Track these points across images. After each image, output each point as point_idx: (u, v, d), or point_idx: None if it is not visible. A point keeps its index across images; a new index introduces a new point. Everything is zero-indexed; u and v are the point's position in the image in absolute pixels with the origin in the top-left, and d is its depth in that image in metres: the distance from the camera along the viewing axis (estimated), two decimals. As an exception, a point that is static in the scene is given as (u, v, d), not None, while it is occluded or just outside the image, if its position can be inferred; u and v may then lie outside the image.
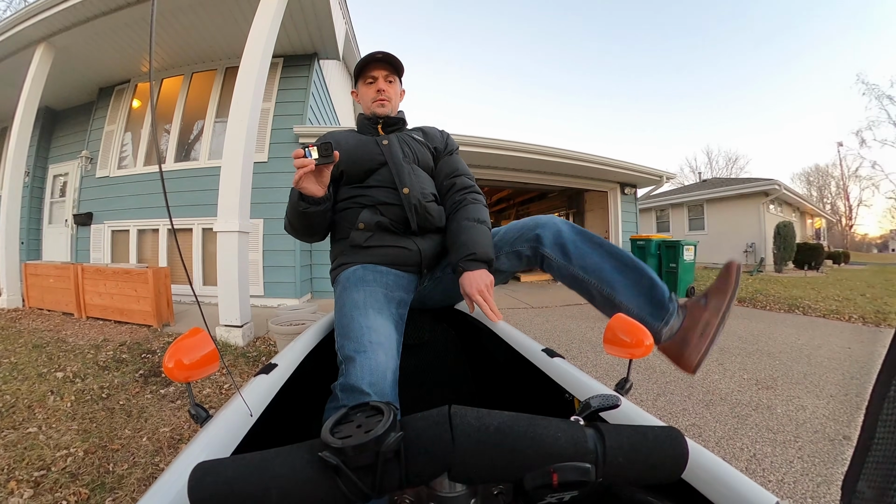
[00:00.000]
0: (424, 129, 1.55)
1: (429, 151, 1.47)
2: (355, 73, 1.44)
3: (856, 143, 44.24)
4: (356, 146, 1.36)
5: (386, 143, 1.36)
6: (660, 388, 2.93)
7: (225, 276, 3.84)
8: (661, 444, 0.42)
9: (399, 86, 1.48)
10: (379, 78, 1.40)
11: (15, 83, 5.80)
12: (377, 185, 1.31)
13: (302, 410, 0.95)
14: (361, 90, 1.44)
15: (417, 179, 1.34)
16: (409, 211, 1.26)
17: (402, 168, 1.32)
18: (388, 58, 1.39)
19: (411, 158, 1.38)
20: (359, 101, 1.47)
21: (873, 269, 17.49)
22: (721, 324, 1.03)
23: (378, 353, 0.91)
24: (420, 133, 1.51)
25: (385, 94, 1.40)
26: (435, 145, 1.49)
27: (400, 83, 1.49)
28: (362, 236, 1.26)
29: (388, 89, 1.41)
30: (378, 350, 0.92)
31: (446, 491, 0.44)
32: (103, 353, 3.46)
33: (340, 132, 1.44)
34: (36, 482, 1.71)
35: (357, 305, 1.06)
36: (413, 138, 1.44)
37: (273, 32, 4.10)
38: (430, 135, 1.52)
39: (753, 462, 1.97)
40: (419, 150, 1.42)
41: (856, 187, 42.66)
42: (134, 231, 6.45)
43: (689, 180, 39.83)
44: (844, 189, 43.93)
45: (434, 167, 1.48)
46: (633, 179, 8.75)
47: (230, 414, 0.66)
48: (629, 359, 0.89)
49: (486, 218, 1.32)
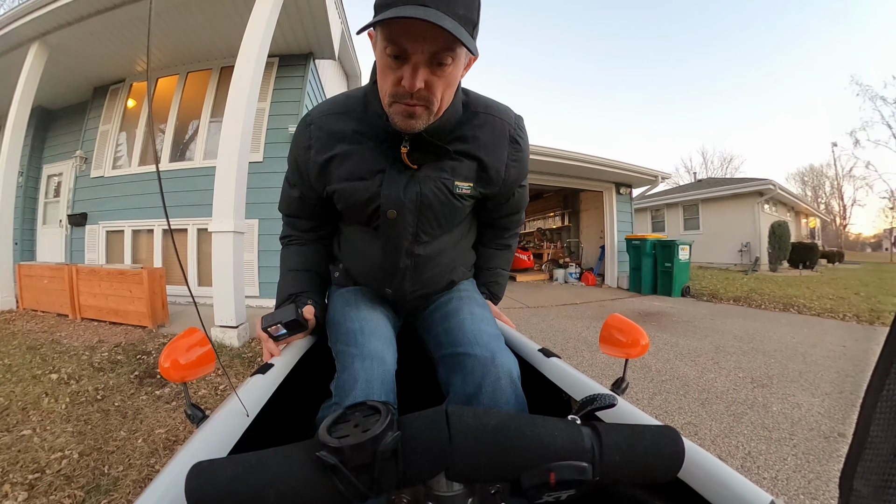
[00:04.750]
0: (489, 137, 0.91)
1: (475, 196, 0.97)
2: (375, 6, 0.70)
3: (850, 144, 44.57)
4: (351, 182, 0.91)
5: (392, 215, 0.90)
6: (656, 387, 2.94)
7: (220, 277, 3.82)
8: (658, 443, 0.42)
9: (463, 59, 0.76)
10: (414, 57, 0.70)
11: (8, 82, 5.75)
12: (362, 245, 1.02)
13: (299, 410, 0.94)
14: (380, 56, 0.74)
15: (413, 275, 1.00)
16: (399, 301, 1.04)
17: (396, 266, 0.97)
18: (444, 10, 0.65)
19: (425, 235, 0.95)
20: (375, 57, 0.79)
21: (867, 268, 17.62)
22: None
23: (374, 348, 0.85)
24: (475, 147, 0.90)
25: (421, 96, 0.74)
26: (491, 184, 0.96)
27: (467, 52, 0.74)
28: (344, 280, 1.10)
29: (434, 83, 0.74)
30: (374, 345, 0.86)
31: (444, 490, 0.44)
32: (98, 355, 3.44)
33: (333, 123, 0.92)
34: (30, 485, 1.70)
35: (348, 302, 1.01)
36: (455, 182, 0.91)
37: (269, 32, 4.08)
38: (492, 159, 0.92)
39: (749, 459, 1.98)
40: (452, 208, 0.94)
41: (850, 187, 42.94)
42: (129, 231, 6.41)
43: (685, 180, 39.98)
44: (839, 189, 44.23)
45: (484, 209, 1.09)
46: (629, 179, 8.77)
47: (226, 414, 0.66)
48: (625, 358, 0.89)
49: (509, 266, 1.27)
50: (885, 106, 30.13)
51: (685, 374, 3.22)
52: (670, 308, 6.35)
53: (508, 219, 1.14)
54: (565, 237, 12.05)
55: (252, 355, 3.52)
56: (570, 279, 9.85)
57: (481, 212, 1.10)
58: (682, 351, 3.88)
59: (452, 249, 1.04)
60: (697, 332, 4.70)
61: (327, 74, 7.90)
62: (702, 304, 6.81)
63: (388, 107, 0.79)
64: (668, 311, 6.12)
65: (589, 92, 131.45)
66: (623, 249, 8.66)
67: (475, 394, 0.77)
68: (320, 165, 0.93)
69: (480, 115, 0.91)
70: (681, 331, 4.74)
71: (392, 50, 0.70)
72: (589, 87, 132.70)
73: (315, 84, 6.60)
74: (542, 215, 13.78)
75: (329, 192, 0.96)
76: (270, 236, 5.69)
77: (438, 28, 0.64)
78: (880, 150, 55.14)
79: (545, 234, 13.05)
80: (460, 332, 0.90)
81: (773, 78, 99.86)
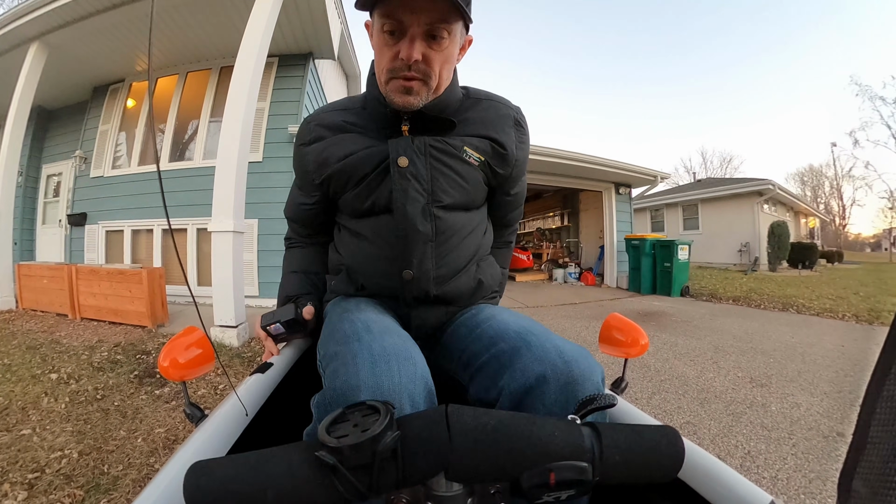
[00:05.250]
0: (494, 118, 0.90)
1: (487, 173, 0.91)
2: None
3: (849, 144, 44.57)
4: (350, 158, 0.88)
5: (404, 162, 0.82)
6: (655, 387, 2.94)
7: (220, 277, 3.82)
8: (658, 442, 0.42)
9: (459, 37, 0.79)
10: (411, 29, 0.72)
11: (8, 82, 5.74)
12: (372, 236, 0.90)
13: (298, 409, 0.94)
14: (377, 36, 0.77)
15: (437, 249, 0.87)
16: (407, 303, 0.88)
17: (416, 230, 0.84)
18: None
19: (443, 196, 0.86)
20: (372, 46, 0.81)
21: (866, 268, 17.63)
22: None
23: (391, 343, 0.65)
24: (484, 128, 0.89)
25: (419, 69, 0.75)
26: (506, 163, 0.92)
27: (462, 30, 0.79)
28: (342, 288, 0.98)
29: (431, 57, 0.75)
30: (390, 341, 0.65)
31: (443, 490, 0.44)
32: (98, 354, 3.44)
33: (330, 118, 0.93)
34: (30, 484, 1.69)
35: (348, 308, 0.83)
36: (464, 148, 0.86)
37: (268, 32, 4.09)
38: (504, 137, 0.90)
39: (748, 459, 1.98)
40: (465, 175, 0.87)
41: (849, 187, 42.95)
42: (128, 231, 6.41)
43: (684, 180, 40.03)
44: (838, 189, 44.26)
45: (490, 197, 1.00)
46: (628, 179, 8.77)
47: (225, 413, 0.66)
48: (625, 358, 0.89)
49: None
50: (885, 106, 30.15)
51: (684, 373, 3.23)
52: (669, 308, 6.36)
53: (510, 215, 1.12)
54: (564, 237, 12.05)
55: (251, 355, 3.52)
56: (569, 279, 9.85)
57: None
58: (682, 350, 3.88)
59: (473, 233, 0.93)
60: (697, 331, 4.71)
61: (327, 74, 7.91)
62: (701, 304, 6.81)
63: (386, 84, 0.79)
64: (667, 310, 6.12)
65: (589, 91, 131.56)
66: (622, 249, 8.67)
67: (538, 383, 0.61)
68: (318, 152, 0.92)
69: (483, 101, 0.92)
70: (680, 330, 4.74)
71: (389, 25, 0.72)
72: (589, 88, 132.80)
73: (315, 84, 6.60)
74: (541, 215, 13.77)
75: (327, 179, 0.92)
76: (270, 236, 5.69)
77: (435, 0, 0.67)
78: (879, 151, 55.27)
79: (544, 234, 13.06)
80: (504, 329, 0.73)
81: (773, 78, 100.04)
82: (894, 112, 29.55)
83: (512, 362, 0.65)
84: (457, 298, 0.91)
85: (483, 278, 0.95)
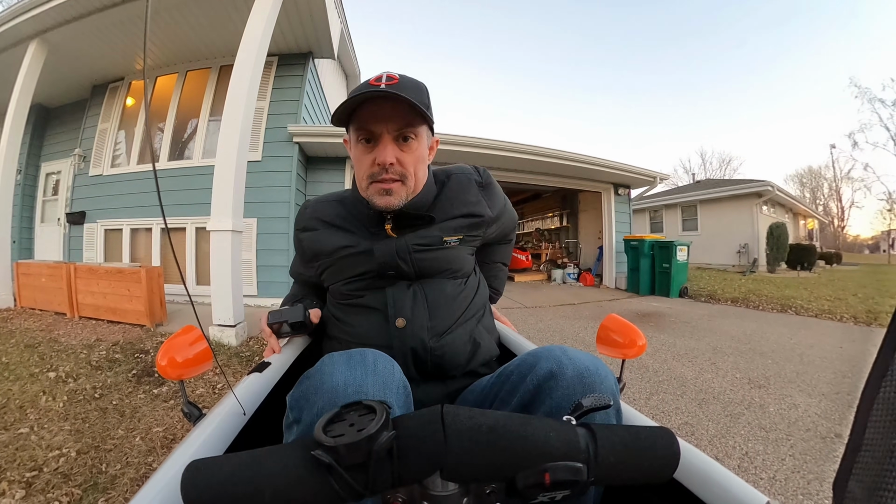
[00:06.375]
0: (459, 191, 0.96)
1: (471, 241, 0.97)
2: (342, 115, 0.82)
3: (848, 146, 44.68)
4: (341, 255, 0.93)
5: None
6: (653, 388, 2.94)
7: (218, 276, 3.82)
8: (654, 443, 0.42)
9: (426, 139, 0.89)
10: (383, 136, 0.81)
11: (7, 80, 5.74)
12: (360, 303, 0.92)
13: None
14: (354, 148, 0.86)
15: (428, 303, 0.89)
16: (404, 355, 0.85)
17: (404, 290, 0.89)
18: (399, 91, 0.75)
19: (426, 265, 0.90)
20: (351, 157, 0.90)
21: (865, 270, 17.66)
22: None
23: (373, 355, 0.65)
24: (456, 207, 0.94)
25: (395, 171, 0.82)
26: (485, 224, 0.98)
27: (428, 133, 0.89)
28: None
29: (404, 158, 0.83)
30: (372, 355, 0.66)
31: (439, 490, 0.44)
32: (96, 353, 3.43)
33: (325, 209, 1.00)
34: (28, 483, 1.69)
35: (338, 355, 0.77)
36: (443, 238, 0.91)
37: (268, 31, 4.08)
38: (475, 206, 0.96)
39: (746, 460, 1.99)
40: (448, 257, 0.93)
41: (848, 189, 43.06)
42: (127, 230, 6.40)
43: (683, 181, 40.02)
44: (837, 191, 44.35)
45: (492, 244, 1.12)
46: (627, 180, 8.77)
47: (223, 412, 0.66)
48: (622, 359, 0.89)
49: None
50: (884, 108, 30.17)
51: (682, 374, 3.23)
52: (668, 309, 6.36)
53: (508, 255, 1.21)
54: (563, 237, 12.05)
55: (250, 354, 3.51)
56: (568, 279, 9.85)
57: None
58: (680, 351, 3.89)
59: (463, 292, 0.95)
60: (695, 332, 4.71)
61: (326, 74, 7.90)
62: (700, 305, 6.82)
63: (367, 190, 0.86)
64: (665, 311, 6.13)
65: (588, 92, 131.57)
66: (621, 250, 8.67)
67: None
68: (312, 241, 0.99)
69: (448, 180, 0.98)
70: (678, 331, 4.74)
71: (364, 134, 0.82)
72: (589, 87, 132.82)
73: (314, 83, 6.60)
74: (540, 216, 13.78)
75: (321, 267, 0.99)
76: (269, 235, 5.69)
77: (399, 108, 0.78)
78: (878, 153, 55.44)
79: (543, 235, 13.06)
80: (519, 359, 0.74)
81: (773, 79, 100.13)
82: (893, 114, 29.60)
83: (532, 368, 0.68)
84: (453, 364, 0.88)
85: (481, 342, 0.93)
